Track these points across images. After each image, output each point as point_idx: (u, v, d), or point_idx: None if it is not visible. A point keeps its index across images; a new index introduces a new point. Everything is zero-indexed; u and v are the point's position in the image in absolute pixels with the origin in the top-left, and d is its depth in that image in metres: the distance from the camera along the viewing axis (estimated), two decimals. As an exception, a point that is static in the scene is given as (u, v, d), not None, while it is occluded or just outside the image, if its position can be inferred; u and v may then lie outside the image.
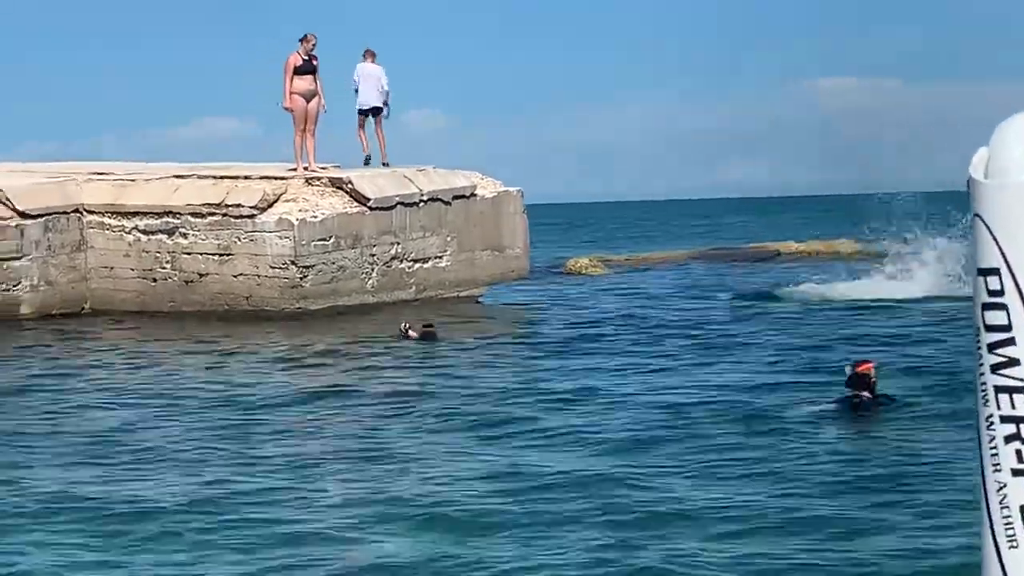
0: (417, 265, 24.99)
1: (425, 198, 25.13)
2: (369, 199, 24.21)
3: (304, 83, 24.30)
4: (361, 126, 25.98)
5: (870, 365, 13.51)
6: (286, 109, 24.42)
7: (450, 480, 11.11)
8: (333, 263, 23.71)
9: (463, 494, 10.59)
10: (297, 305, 23.28)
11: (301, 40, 24.50)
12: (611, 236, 67.59)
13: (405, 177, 25.28)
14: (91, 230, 24.40)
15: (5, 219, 23.50)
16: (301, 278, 23.32)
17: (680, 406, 14.19)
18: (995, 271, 3.45)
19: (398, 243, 24.65)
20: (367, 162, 25.88)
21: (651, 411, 14.00)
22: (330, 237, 23.65)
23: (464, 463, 11.81)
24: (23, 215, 23.67)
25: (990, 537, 3.55)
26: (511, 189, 26.93)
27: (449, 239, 25.48)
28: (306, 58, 24.31)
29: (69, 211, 24.27)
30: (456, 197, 25.69)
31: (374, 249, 24.27)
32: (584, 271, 35.36)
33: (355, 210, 24.09)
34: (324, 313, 23.22)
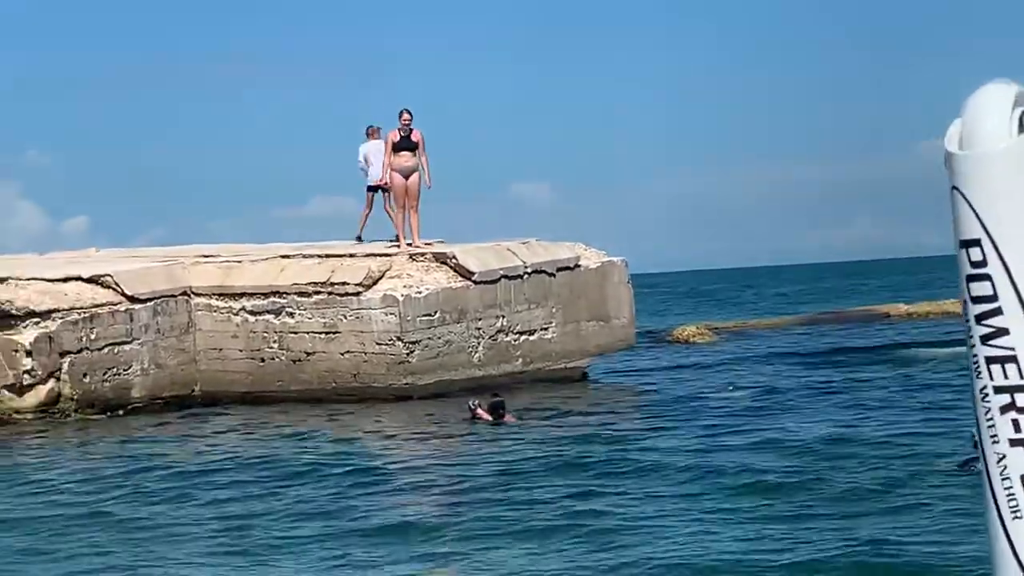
0: (523, 337, 24.94)
1: (529, 270, 25.11)
2: (473, 273, 24.23)
3: (401, 159, 24.44)
4: (370, 205, 25.95)
5: None
6: (381, 186, 24.66)
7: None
8: (439, 338, 23.71)
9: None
10: (404, 381, 23.28)
11: (400, 116, 24.69)
12: (718, 303, 67.26)
13: (508, 250, 25.29)
14: (199, 312, 24.59)
15: (115, 304, 23.74)
16: (408, 354, 23.34)
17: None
18: (976, 242, 3.47)
19: (503, 316, 24.63)
20: (359, 240, 25.87)
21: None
22: (435, 312, 23.67)
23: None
24: (132, 299, 23.90)
25: (994, 511, 3.53)
26: (615, 259, 26.86)
27: (554, 311, 25.42)
28: (403, 134, 24.45)
29: (177, 294, 24.48)
30: (560, 269, 25.64)
31: (479, 323, 24.27)
32: (691, 339, 35.15)
33: (459, 284, 24.11)
34: (431, 389, 23.20)
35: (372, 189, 25.67)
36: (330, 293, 23.83)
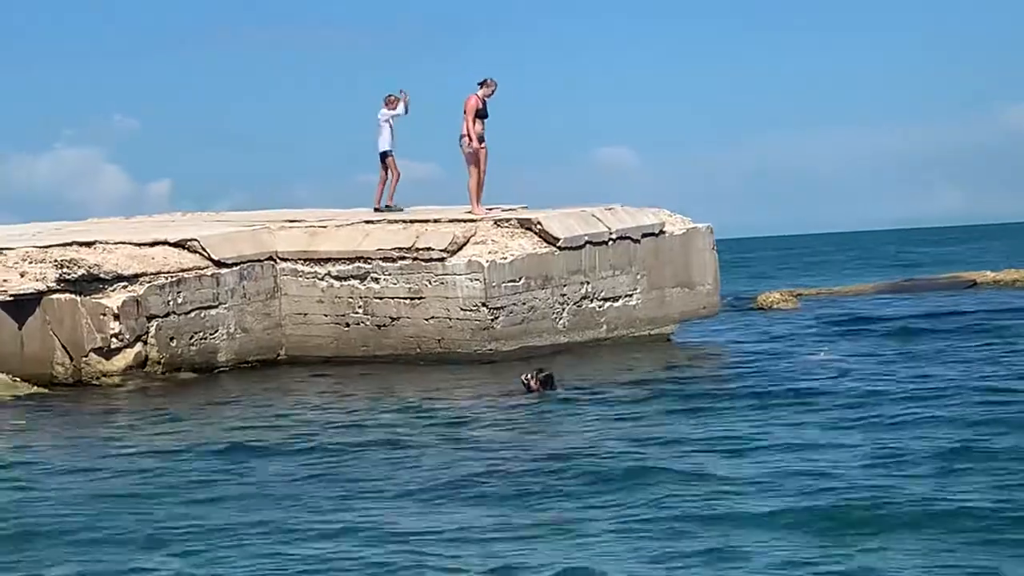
0: (607, 304, 24.90)
1: (614, 236, 25.05)
2: (558, 239, 24.20)
3: (479, 127, 24.51)
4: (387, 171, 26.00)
5: None
6: (470, 151, 24.59)
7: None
8: (524, 304, 23.70)
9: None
10: (488, 347, 23.29)
11: (481, 84, 24.67)
12: (804, 268, 66.89)
13: (593, 216, 25.24)
14: (285, 277, 24.70)
15: (201, 268, 23.88)
16: (492, 319, 23.35)
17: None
18: None
19: (588, 282, 24.59)
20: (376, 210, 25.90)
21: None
22: (520, 278, 23.66)
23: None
24: (219, 264, 24.03)
25: None
26: (700, 225, 26.75)
27: (639, 277, 25.35)
28: (484, 102, 24.52)
29: (263, 259, 24.60)
30: (645, 235, 25.57)
31: (564, 289, 24.24)
32: (775, 306, 34.94)
33: (544, 250, 24.09)
34: (516, 355, 23.19)
35: (385, 156, 25.78)
36: (415, 259, 23.86)
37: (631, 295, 25.25)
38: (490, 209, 25.05)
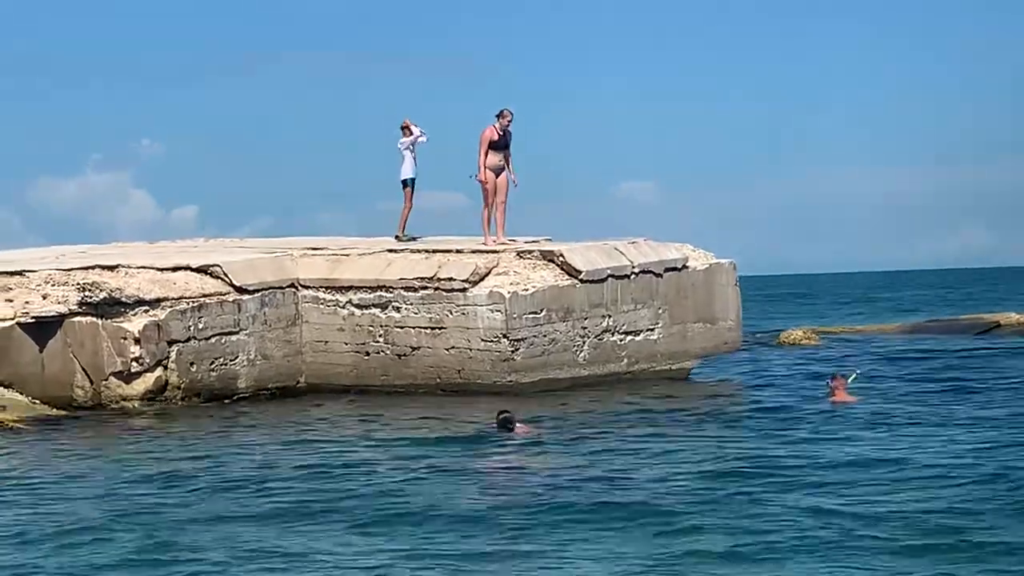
0: (628, 338, 24.84)
1: (636, 270, 25.01)
2: (580, 272, 24.17)
3: (495, 159, 24.65)
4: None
5: None
6: (479, 181, 24.72)
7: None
8: (544, 336, 23.67)
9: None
10: (508, 379, 23.25)
11: (498, 116, 24.76)
12: (829, 308, 66.72)
13: (616, 250, 25.21)
14: (306, 304, 24.70)
15: (223, 294, 23.90)
16: (512, 351, 23.31)
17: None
18: None
19: (609, 316, 24.54)
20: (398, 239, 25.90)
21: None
22: (541, 310, 23.63)
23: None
24: (240, 290, 24.05)
25: None
26: (723, 261, 26.68)
27: (660, 311, 25.29)
28: (501, 133, 24.64)
29: (284, 286, 24.61)
30: (668, 269, 25.52)
31: (585, 322, 24.20)
32: (798, 343, 34.84)
33: (566, 283, 24.05)
34: (536, 387, 23.15)
35: (405, 184, 25.85)
36: (436, 289, 23.85)
37: (652, 329, 25.19)
38: (513, 240, 25.05)
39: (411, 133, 25.73)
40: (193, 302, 23.46)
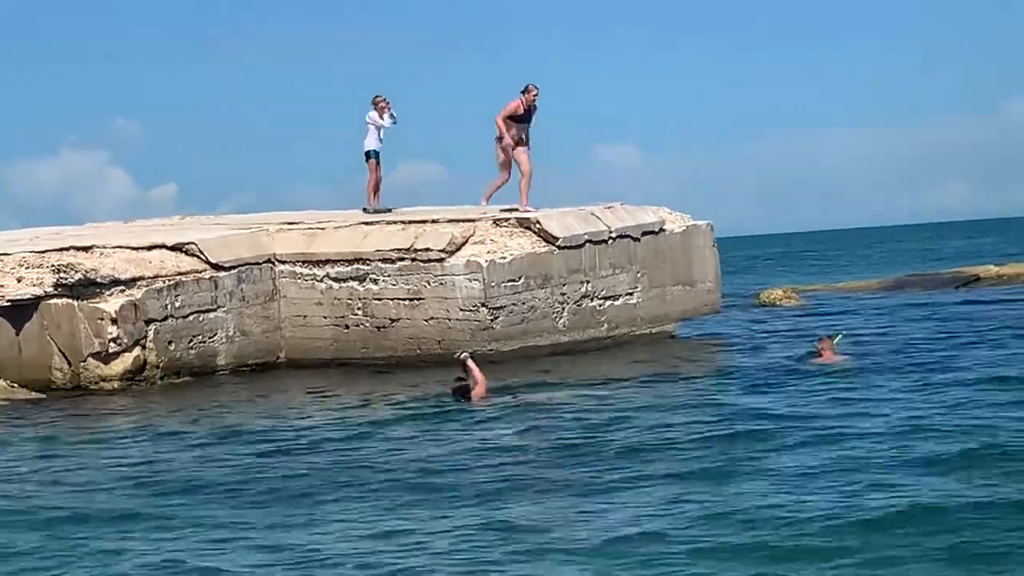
0: (608, 303, 24.79)
1: (614, 235, 24.94)
2: (557, 238, 24.09)
3: (517, 131, 24.45)
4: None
5: None
6: (504, 142, 24.31)
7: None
8: (523, 303, 23.60)
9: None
10: (489, 347, 23.18)
11: (523, 92, 24.50)
12: (804, 266, 66.77)
13: (593, 215, 25.13)
14: (283, 279, 24.60)
15: (199, 271, 23.78)
16: (492, 320, 23.24)
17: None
18: None
19: (588, 281, 24.48)
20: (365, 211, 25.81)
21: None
22: (519, 278, 23.56)
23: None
24: (216, 267, 23.94)
25: None
26: (700, 223, 26.64)
27: (639, 275, 25.24)
28: (526, 108, 24.48)
29: (261, 261, 24.50)
30: (645, 233, 25.46)
31: (564, 288, 24.13)
32: (778, 303, 34.83)
33: (544, 250, 23.98)
34: (516, 355, 23.09)
35: (368, 156, 25.72)
36: (413, 260, 23.76)
37: (631, 294, 25.14)
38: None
39: (381, 111, 25.57)
40: (169, 280, 23.34)
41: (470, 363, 18.79)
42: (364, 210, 25.90)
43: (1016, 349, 21.48)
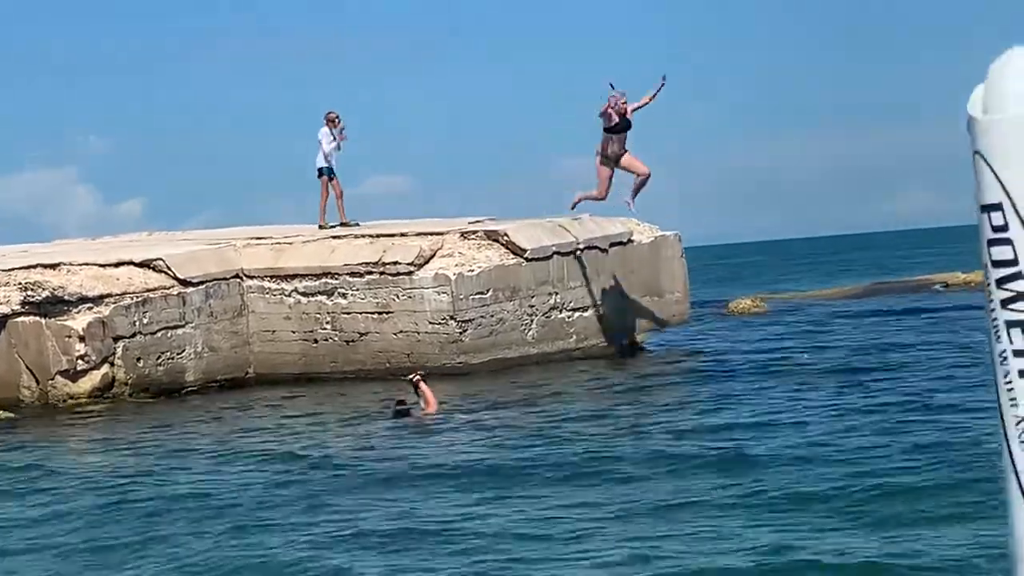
0: (577, 314, 24.81)
1: (582, 246, 24.97)
2: (525, 250, 24.11)
3: (615, 145, 23.25)
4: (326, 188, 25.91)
5: None
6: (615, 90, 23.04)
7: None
8: (492, 316, 23.61)
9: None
10: (458, 360, 23.19)
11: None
12: (774, 275, 66.90)
13: (560, 227, 25.15)
14: (251, 295, 24.57)
15: (167, 288, 23.74)
16: (461, 332, 23.25)
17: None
18: (998, 206, 3.47)
19: (556, 293, 24.50)
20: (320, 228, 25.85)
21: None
22: (488, 290, 23.57)
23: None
24: (184, 283, 23.89)
25: (1013, 477, 3.53)
26: (668, 233, 26.68)
27: (608, 286, 25.26)
28: (616, 115, 23.12)
29: (229, 277, 24.46)
30: (613, 244, 25.49)
31: (532, 300, 24.14)
32: (747, 312, 34.90)
33: (512, 262, 24.00)
34: (485, 367, 23.09)
35: (321, 174, 25.73)
36: (382, 273, 23.76)
37: (600, 305, 25.16)
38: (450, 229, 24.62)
39: (333, 127, 25.57)
40: (137, 297, 23.29)
41: (423, 386, 18.68)
42: (320, 227, 25.85)
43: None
